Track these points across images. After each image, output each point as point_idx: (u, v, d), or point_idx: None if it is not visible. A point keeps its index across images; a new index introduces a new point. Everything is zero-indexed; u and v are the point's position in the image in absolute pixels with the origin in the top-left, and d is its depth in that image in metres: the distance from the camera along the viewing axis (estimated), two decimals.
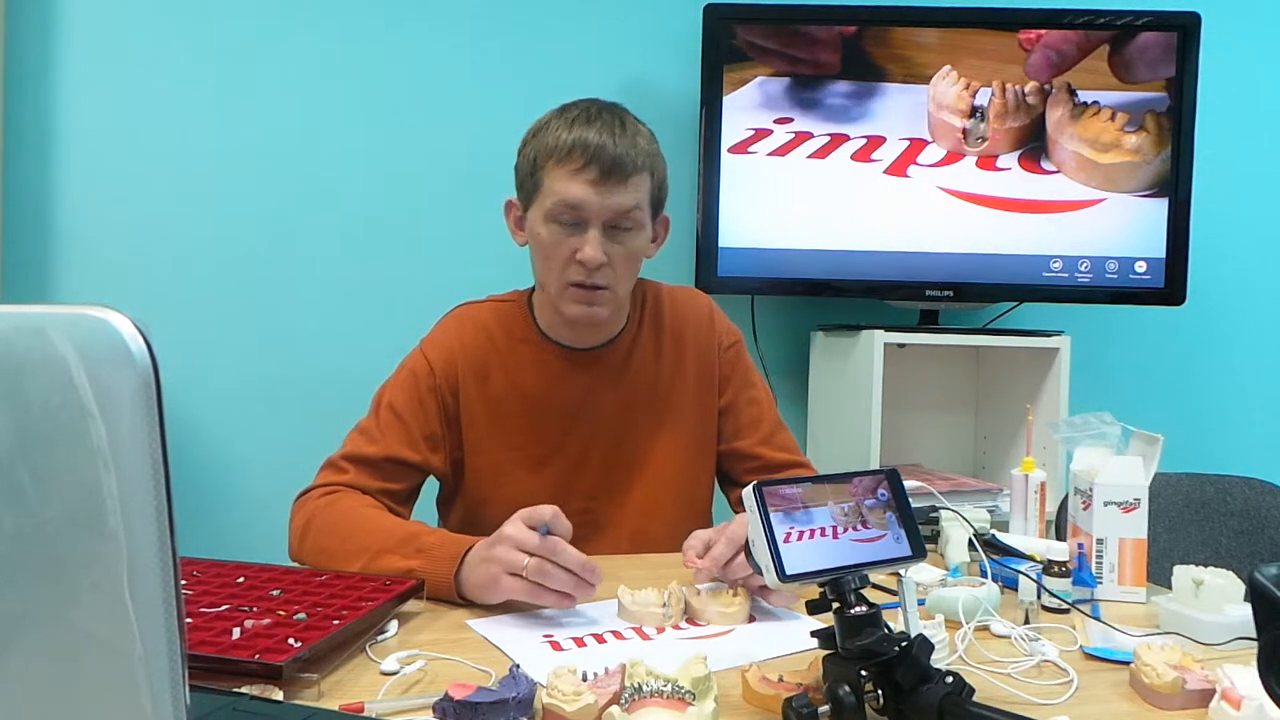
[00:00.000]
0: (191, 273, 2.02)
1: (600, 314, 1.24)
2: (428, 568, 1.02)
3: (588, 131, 1.17)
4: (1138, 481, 1.10)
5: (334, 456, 1.24)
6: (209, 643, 0.79)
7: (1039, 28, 2.02)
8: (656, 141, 1.25)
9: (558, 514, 0.98)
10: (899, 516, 0.78)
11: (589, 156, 1.16)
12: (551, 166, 1.18)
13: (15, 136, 1.94)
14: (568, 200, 1.17)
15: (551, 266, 1.22)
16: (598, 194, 1.17)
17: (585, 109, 1.21)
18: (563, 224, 1.19)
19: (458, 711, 0.70)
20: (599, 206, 1.17)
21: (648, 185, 1.22)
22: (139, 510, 0.40)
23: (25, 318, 0.41)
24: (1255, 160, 2.37)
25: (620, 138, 1.17)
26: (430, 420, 1.26)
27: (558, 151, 1.17)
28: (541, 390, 1.29)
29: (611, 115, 1.20)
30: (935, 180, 2.04)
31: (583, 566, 0.96)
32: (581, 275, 1.20)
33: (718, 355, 1.36)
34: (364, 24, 2.07)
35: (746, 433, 1.36)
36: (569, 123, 1.19)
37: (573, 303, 1.22)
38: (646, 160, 1.20)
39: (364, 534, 1.10)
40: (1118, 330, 2.35)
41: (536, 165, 1.21)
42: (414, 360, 1.30)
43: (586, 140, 1.16)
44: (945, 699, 0.67)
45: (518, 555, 0.96)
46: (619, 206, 1.18)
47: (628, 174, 1.17)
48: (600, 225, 1.18)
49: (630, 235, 1.21)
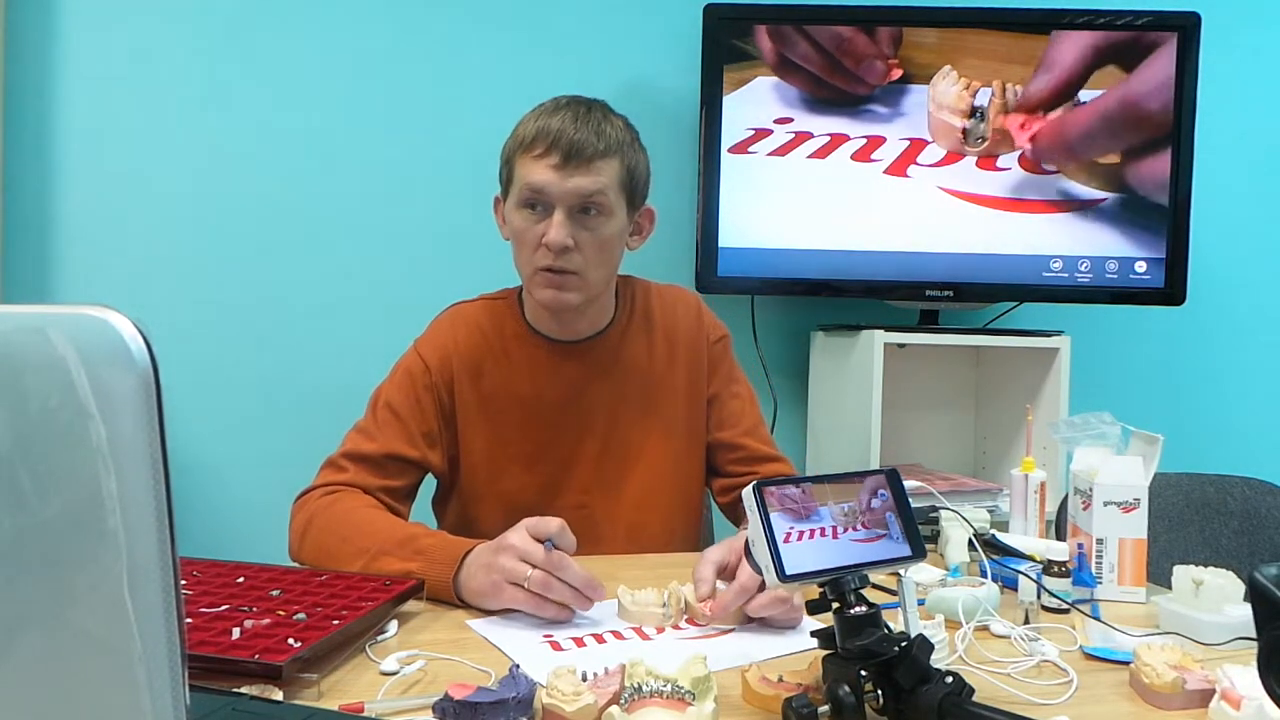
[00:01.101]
0: (191, 273, 2.02)
1: (570, 300, 1.24)
2: (426, 570, 1.02)
3: (551, 120, 1.20)
4: (1138, 481, 1.10)
5: (333, 455, 1.25)
6: (209, 643, 0.79)
7: (1039, 28, 2.03)
8: (635, 133, 1.26)
9: (564, 528, 0.98)
10: (899, 516, 0.78)
11: (550, 142, 1.18)
12: (519, 156, 1.22)
13: (15, 136, 1.94)
14: (531, 184, 1.20)
15: (523, 253, 1.24)
16: (559, 177, 1.18)
17: (556, 101, 1.24)
18: (531, 209, 1.21)
19: (458, 711, 0.70)
20: (560, 190, 1.19)
21: (615, 171, 1.22)
22: (139, 510, 0.40)
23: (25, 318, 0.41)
24: (1255, 160, 2.37)
25: (584, 124, 1.20)
26: (427, 418, 1.27)
27: (525, 141, 1.21)
28: (533, 385, 1.30)
29: (580, 105, 1.23)
30: (935, 180, 2.04)
31: (586, 583, 0.96)
32: (549, 259, 1.21)
33: (706, 348, 1.37)
34: (363, 25, 2.07)
35: (729, 424, 1.37)
36: (537, 115, 1.23)
37: (542, 287, 1.23)
38: (614, 146, 1.21)
39: (363, 535, 1.10)
40: (1118, 330, 2.35)
41: (510, 158, 1.24)
42: (409, 360, 1.30)
43: (549, 127, 1.19)
44: (945, 699, 0.67)
45: (521, 566, 0.95)
46: (581, 189, 1.19)
47: (589, 158, 1.19)
48: (565, 209, 1.19)
49: (599, 221, 1.22)
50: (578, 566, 0.96)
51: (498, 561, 0.97)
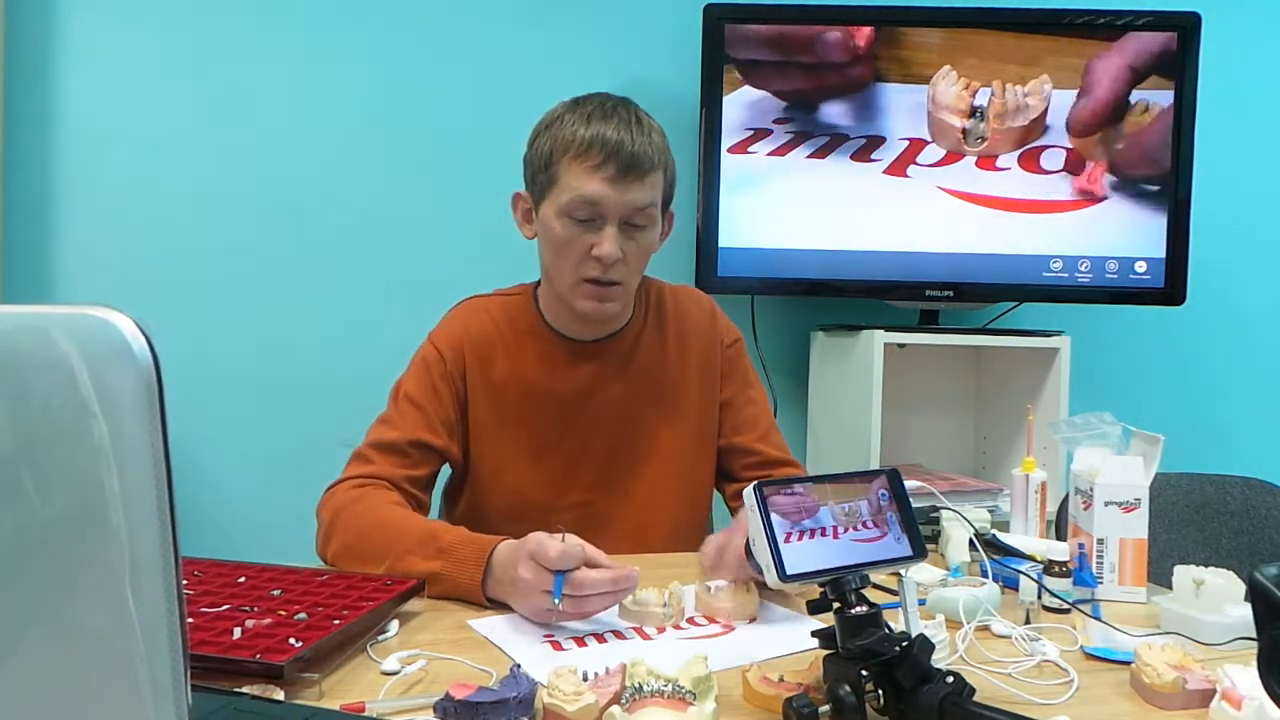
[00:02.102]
0: (192, 272, 2.02)
1: (612, 309, 1.25)
2: (452, 570, 1.02)
3: (605, 127, 1.17)
4: (1138, 481, 1.10)
5: (359, 448, 1.25)
6: (210, 642, 0.79)
7: (1039, 28, 2.03)
8: (666, 137, 1.25)
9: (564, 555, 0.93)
10: (899, 516, 0.79)
11: (607, 153, 1.16)
12: (568, 162, 1.18)
13: (15, 136, 1.94)
14: (585, 196, 1.17)
15: (565, 262, 1.22)
16: (615, 191, 1.17)
17: (600, 104, 1.21)
18: (578, 220, 1.19)
19: (458, 711, 0.70)
20: (616, 203, 1.17)
21: (661, 182, 1.22)
22: (141, 509, 0.40)
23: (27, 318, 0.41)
24: (1255, 160, 2.37)
25: (638, 134, 1.18)
26: (445, 407, 1.27)
27: (575, 146, 1.17)
28: (544, 380, 1.29)
29: (627, 111, 1.21)
30: (935, 180, 2.04)
31: (615, 582, 0.94)
32: (598, 271, 1.20)
33: (720, 351, 1.37)
34: (364, 23, 2.07)
35: (745, 429, 1.36)
36: (585, 118, 1.19)
37: (585, 298, 1.23)
38: (661, 157, 1.21)
39: (386, 535, 1.09)
40: (1118, 330, 2.35)
41: (552, 159, 1.20)
42: (425, 351, 1.31)
43: (605, 136, 1.16)
44: (945, 699, 0.67)
45: (544, 598, 0.93)
46: (636, 203, 1.19)
47: (645, 171, 1.18)
48: (616, 222, 1.19)
49: (644, 232, 1.22)
50: (595, 574, 0.94)
51: (520, 597, 0.96)
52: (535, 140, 1.24)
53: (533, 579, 0.94)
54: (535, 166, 1.24)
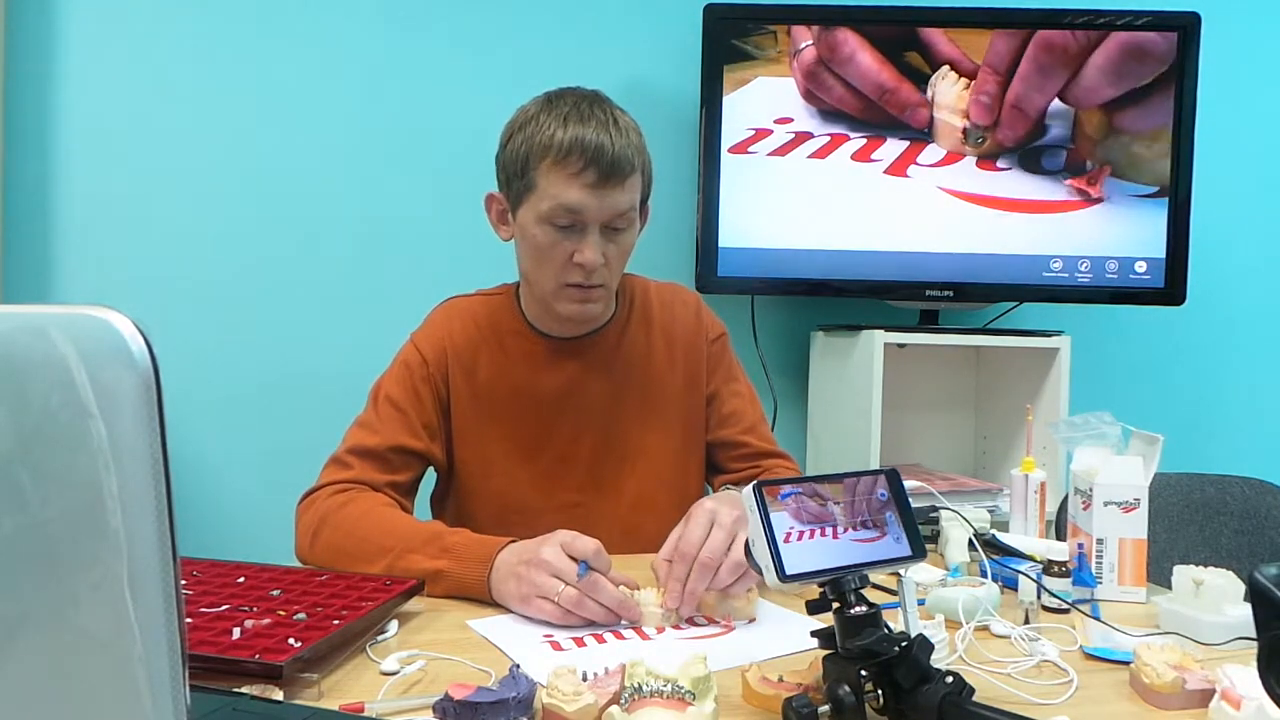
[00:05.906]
0: (191, 272, 2.02)
1: (595, 310, 1.25)
2: (456, 568, 1.02)
3: (584, 130, 1.14)
4: (1138, 481, 1.10)
5: (337, 452, 1.24)
6: (209, 643, 0.79)
7: (1039, 28, 2.02)
8: (641, 132, 1.22)
9: (600, 550, 0.96)
10: (899, 516, 0.78)
11: (588, 159, 1.13)
12: (547, 167, 1.15)
13: (15, 136, 1.94)
14: (566, 204, 1.15)
15: (547, 269, 1.21)
16: (596, 197, 1.15)
17: (575, 103, 1.18)
18: (558, 227, 1.17)
19: (458, 711, 0.70)
20: (598, 210, 1.16)
21: (640, 183, 1.21)
22: (139, 510, 0.40)
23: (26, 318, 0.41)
24: (1255, 160, 2.37)
25: (617, 136, 1.15)
26: (427, 410, 1.26)
27: (554, 151, 1.14)
28: (529, 380, 1.29)
29: (604, 111, 1.18)
30: (935, 180, 2.04)
31: (620, 605, 0.95)
32: (580, 277, 1.19)
33: (705, 346, 1.36)
34: (362, 24, 2.07)
35: (731, 422, 1.36)
36: (561, 119, 1.15)
37: (569, 302, 1.22)
38: (639, 157, 1.19)
39: (384, 535, 1.09)
40: (1118, 330, 2.35)
41: (529, 164, 1.17)
42: (406, 352, 1.30)
43: (584, 140, 1.13)
44: (945, 699, 0.67)
45: (553, 581, 0.94)
46: (617, 208, 1.17)
47: (625, 175, 1.16)
48: (598, 227, 1.18)
49: (624, 234, 1.21)
50: (612, 588, 0.95)
51: (529, 575, 0.96)
52: (509, 141, 1.21)
53: (552, 560, 0.95)
54: (511, 170, 1.20)
